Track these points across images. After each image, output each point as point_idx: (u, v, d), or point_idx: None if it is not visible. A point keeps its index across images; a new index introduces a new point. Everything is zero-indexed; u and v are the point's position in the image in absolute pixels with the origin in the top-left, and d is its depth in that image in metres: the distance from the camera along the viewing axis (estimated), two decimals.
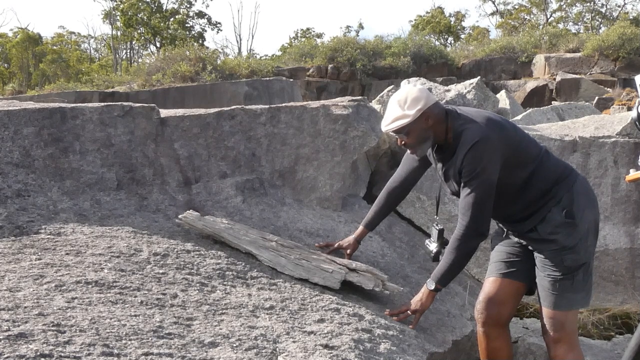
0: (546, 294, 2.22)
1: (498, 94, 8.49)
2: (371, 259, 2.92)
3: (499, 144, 2.13)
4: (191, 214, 2.62)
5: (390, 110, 2.24)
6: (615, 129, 3.81)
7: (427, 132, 2.22)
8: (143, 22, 31.22)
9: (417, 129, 2.21)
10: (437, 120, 2.22)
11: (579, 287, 2.20)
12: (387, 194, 2.64)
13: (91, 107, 2.96)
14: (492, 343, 2.32)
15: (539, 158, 2.23)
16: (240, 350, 1.79)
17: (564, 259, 2.17)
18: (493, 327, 2.30)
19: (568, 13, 35.08)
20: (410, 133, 2.22)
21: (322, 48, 20.91)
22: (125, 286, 2.02)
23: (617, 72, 18.50)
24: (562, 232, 2.17)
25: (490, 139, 2.12)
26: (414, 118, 2.18)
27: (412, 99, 2.19)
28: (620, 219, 3.66)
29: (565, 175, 2.24)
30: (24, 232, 2.33)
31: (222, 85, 15.02)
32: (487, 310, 2.30)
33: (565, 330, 2.20)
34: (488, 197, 2.14)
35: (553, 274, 2.19)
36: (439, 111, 2.23)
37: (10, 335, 1.55)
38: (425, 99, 2.20)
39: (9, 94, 19.23)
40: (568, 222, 2.16)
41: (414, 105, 2.18)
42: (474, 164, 2.11)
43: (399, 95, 2.24)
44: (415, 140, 2.24)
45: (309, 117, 3.41)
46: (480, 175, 2.12)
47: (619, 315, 3.53)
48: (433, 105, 2.22)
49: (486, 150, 2.11)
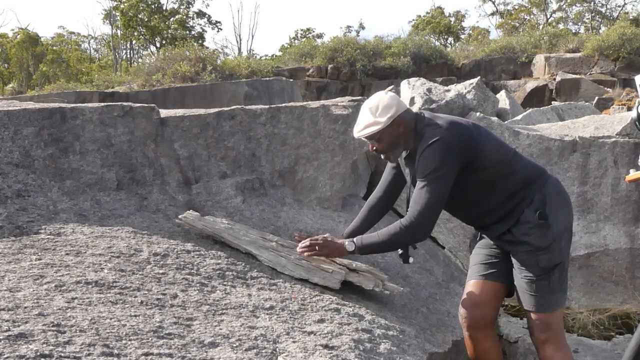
0: (525, 296, 2.24)
1: (498, 94, 8.47)
2: (371, 259, 2.92)
3: (457, 144, 2.13)
4: (191, 214, 2.62)
5: (362, 117, 2.27)
6: (615, 129, 3.81)
7: (398, 139, 2.25)
8: (143, 22, 31.23)
9: (388, 135, 2.24)
10: (408, 127, 2.25)
11: (556, 287, 2.21)
12: (368, 208, 2.63)
13: (91, 107, 2.96)
14: (479, 345, 2.35)
15: (507, 161, 2.24)
16: (240, 350, 1.79)
17: (538, 260, 2.18)
18: (479, 330, 2.33)
19: (568, 13, 35.10)
20: (381, 139, 2.25)
21: (322, 48, 20.92)
22: (125, 286, 2.02)
23: (617, 72, 18.51)
24: (535, 233, 2.18)
25: (447, 140, 2.12)
26: (384, 125, 2.21)
27: (383, 106, 2.22)
28: (620, 219, 3.66)
29: (536, 177, 2.25)
30: (24, 232, 2.33)
31: (222, 85, 15.02)
32: (470, 313, 2.32)
33: (552, 331, 2.23)
34: (439, 195, 2.13)
35: (529, 275, 2.21)
36: (410, 118, 2.25)
37: (10, 336, 1.55)
38: (396, 106, 2.22)
39: (9, 94, 19.24)
40: (541, 223, 2.17)
41: (385, 112, 2.21)
42: (429, 161, 2.12)
43: (370, 102, 2.26)
44: (387, 146, 2.28)
45: (309, 117, 3.41)
46: (433, 173, 2.12)
47: (619, 315, 3.53)
48: (404, 113, 2.24)
49: (442, 149, 2.11)
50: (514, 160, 2.27)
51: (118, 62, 32.46)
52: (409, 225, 2.17)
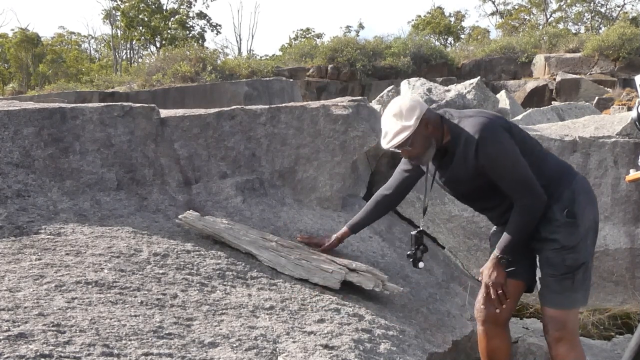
0: (547, 293, 2.23)
1: (498, 94, 8.49)
2: (371, 259, 2.92)
3: (499, 125, 2.16)
4: (191, 214, 2.62)
5: (388, 126, 2.21)
6: (615, 129, 3.81)
7: (429, 139, 2.22)
8: (143, 22, 31.22)
9: (419, 137, 2.19)
10: (435, 125, 2.22)
11: (579, 286, 2.21)
12: (376, 201, 2.63)
13: (91, 107, 2.96)
14: (491, 341, 2.33)
15: (535, 153, 2.25)
16: (240, 350, 1.79)
17: (565, 259, 2.17)
18: (492, 326, 2.32)
19: (568, 13, 35.07)
20: (414, 143, 2.20)
21: (322, 48, 20.90)
22: (125, 286, 2.02)
23: (617, 72, 18.50)
24: (563, 232, 2.17)
25: (490, 124, 2.14)
26: (415, 128, 2.16)
27: (407, 110, 2.18)
28: (620, 219, 3.67)
29: (564, 173, 2.25)
30: (24, 232, 2.33)
31: (222, 85, 15.02)
32: (486, 309, 2.31)
33: (567, 329, 2.21)
34: (523, 167, 2.14)
35: (554, 272, 2.20)
36: (433, 116, 2.24)
37: (10, 336, 1.55)
38: (419, 106, 2.20)
39: (9, 94, 19.23)
40: (569, 222, 2.16)
41: (411, 114, 2.17)
42: (492, 153, 2.12)
43: (392, 110, 2.22)
44: (420, 149, 2.22)
45: (309, 117, 3.40)
46: (504, 159, 2.12)
47: (619, 315, 3.53)
48: (427, 111, 2.22)
49: (492, 135, 2.12)
50: (542, 154, 2.27)
51: (118, 62, 32.46)
52: (528, 203, 2.14)
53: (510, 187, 2.17)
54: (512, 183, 2.16)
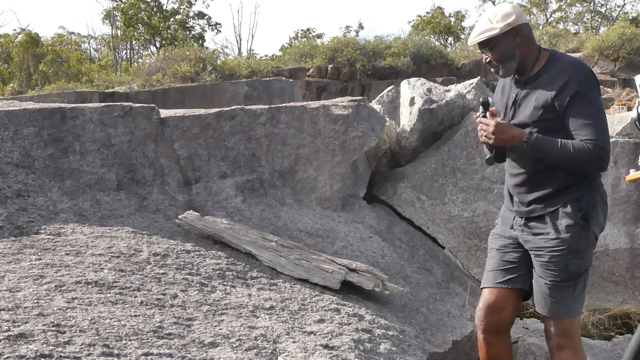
0: (545, 301, 2.17)
1: None
2: (371, 259, 2.92)
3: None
4: (191, 214, 2.62)
5: (479, 24, 2.21)
6: (615, 129, 3.81)
7: (513, 50, 2.17)
8: (143, 22, 31.22)
9: (503, 44, 2.16)
10: (526, 42, 2.18)
11: (579, 294, 2.17)
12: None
13: (91, 108, 2.97)
14: (492, 349, 2.31)
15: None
16: (240, 350, 1.79)
17: (568, 263, 2.11)
18: (493, 334, 2.29)
19: (568, 13, 35.11)
20: (495, 47, 2.17)
21: (322, 48, 20.90)
22: (125, 286, 2.02)
23: (617, 72, 18.51)
24: (573, 233, 2.11)
25: (592, 73, 2.14)
26: (501, 31, 2.14)
27: (502, 14, 2.16)
28: (620, 219, 3.67)
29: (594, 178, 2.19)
30: (24, 232, 2.33)
31: (222, 85, 15.02)
32: (486, 318, 2.28)
33: (569, 336, 2.17)
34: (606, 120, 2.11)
35: (554, 279, 2.14)
36: (529, 33, 2.21)
37: (10, 336, 1.55)
38: (516, 15, 2.16)
39: (9, 94, 19.24)
40: (581, 224, 2.11)
41: (504, 19, 2.15)
42: (590, 86, 2.09)
43: (491, 11, 2.22)
44: (500, 55, 2.18)
45: (309, 117, 3.41)
46: (596, 99, 2.10)
47: (619, 315, 3.53)
48: (524, 25, 2.18)
49: (594, 76, 2.13)
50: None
51: (118, 62, 32.47)
52: (597, 149, 2.03)
53: (588, 127, 2.04)
54: (594, 126, 2.04)
